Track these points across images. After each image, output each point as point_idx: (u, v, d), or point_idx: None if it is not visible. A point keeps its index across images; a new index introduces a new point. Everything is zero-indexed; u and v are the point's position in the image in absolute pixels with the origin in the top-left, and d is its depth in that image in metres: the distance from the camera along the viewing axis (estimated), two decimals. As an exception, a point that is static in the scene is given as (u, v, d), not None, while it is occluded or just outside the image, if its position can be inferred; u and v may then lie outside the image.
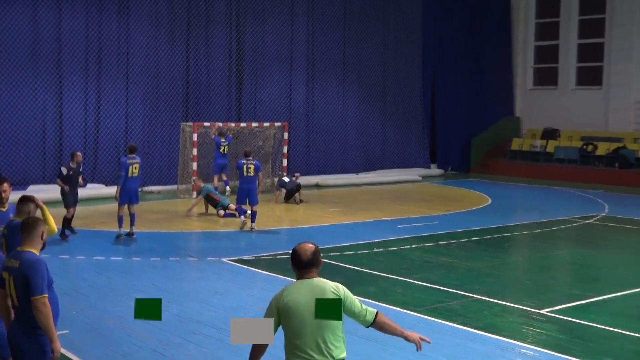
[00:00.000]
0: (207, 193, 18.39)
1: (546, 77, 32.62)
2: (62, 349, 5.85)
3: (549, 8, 32.22)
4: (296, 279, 5.09)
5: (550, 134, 30.68)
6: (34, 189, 19.95)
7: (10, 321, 5.82)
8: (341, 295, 4.96)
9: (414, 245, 14.95)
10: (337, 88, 28.08)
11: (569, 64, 31.37)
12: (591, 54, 30.91)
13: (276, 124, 24.06)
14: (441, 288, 11.41)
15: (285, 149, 24.18)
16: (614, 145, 28.21)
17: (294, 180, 21.34)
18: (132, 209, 15.06)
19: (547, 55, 32.59)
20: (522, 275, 13.43)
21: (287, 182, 21.11)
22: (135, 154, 15.11)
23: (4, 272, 5.73)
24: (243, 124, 23.46)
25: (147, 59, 23.33)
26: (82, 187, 15.71)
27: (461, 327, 9.43)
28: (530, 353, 8.50)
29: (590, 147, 28.73)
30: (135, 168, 14.89)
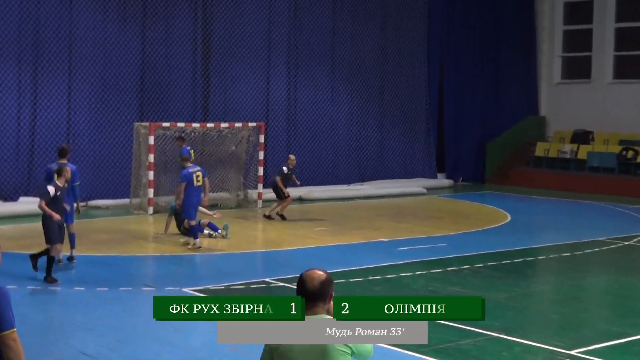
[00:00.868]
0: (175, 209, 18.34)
1: (577, 68, 32.78)
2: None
3: (580, -15, 32.50)
4: None
5: (582, 137, 30.84)
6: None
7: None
8: (350, 345, 4.81)
9: (417, 272, 14.97)
10: (324, 80, 28.12)
11: (604, 52, 31.53)
12: (632, 41, 31.09)
13: (250, 124, 24.07)
14: (451, 324, 11.41)
15: (261, 155, 24.12)
16: (658, 151, 28.48)
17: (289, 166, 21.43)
18: (71, 228, 15.02)
19: (578, 41, 32.77)
20: (548, 308, 13.46)
21: (286, 172, 21.21)
22: (65, 158, 14.70)
23: None
24: (210, 125, 23.44)
25: (93, 44, 23.25)
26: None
27: (475, 371, 9.49)
28: (557, 403, 8.56)
29: (630, 153, 28.89)
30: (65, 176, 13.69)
